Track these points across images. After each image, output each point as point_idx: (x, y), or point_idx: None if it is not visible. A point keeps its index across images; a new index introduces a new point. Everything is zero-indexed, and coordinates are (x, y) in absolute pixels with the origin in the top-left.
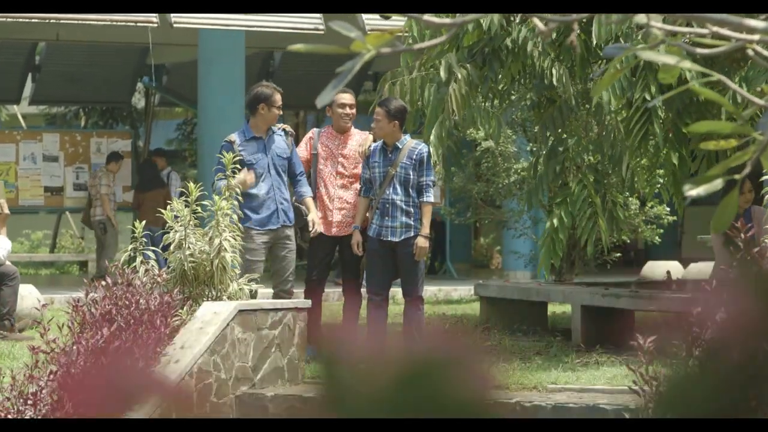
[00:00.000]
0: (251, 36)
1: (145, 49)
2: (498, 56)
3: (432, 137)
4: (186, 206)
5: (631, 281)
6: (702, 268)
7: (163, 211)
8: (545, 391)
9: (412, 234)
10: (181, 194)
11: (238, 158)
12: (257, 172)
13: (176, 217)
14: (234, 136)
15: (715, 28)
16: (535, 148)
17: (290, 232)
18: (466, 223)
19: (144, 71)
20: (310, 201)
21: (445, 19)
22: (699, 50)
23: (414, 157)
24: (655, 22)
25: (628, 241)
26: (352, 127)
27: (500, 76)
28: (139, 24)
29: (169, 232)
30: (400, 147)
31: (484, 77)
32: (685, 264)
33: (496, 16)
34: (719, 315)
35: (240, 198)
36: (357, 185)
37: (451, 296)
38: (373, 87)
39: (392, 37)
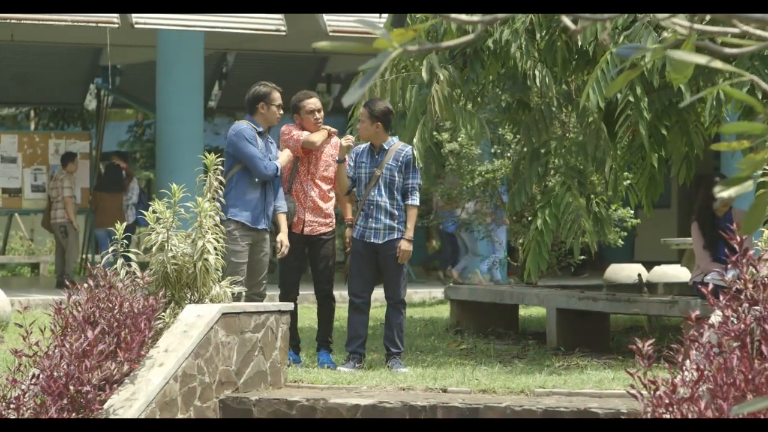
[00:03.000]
0: (208, 37)
1: (98, 50)
2: (479, 57)
3: (416, 139)
4: (168, 207)
5: (598, 284)
6: (666, 271)
7: (145, 213)
8: (533, 395)
9: (395, 236)
10: (140, 199)
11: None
12: None
13: (158, 218)
14: (248, 126)
15: (746, 27)
16: (499, 150)
17: (267, 236)
18: (426, 225)
19: (97, 72)
20: (283, 219)
21: (473, 17)
22: (727, 50)
23: (400, 159)
24: (683, 22)
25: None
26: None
27: (481, 77)
28: (100, 25)
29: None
30: (387, 148)
31: (466, 78)
32: (648, 268)
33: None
34: (714, 318)
35: (222, 200)
36: (326, 187)
37: (412, 299)
38: (326, 88)
39: (416, 34)
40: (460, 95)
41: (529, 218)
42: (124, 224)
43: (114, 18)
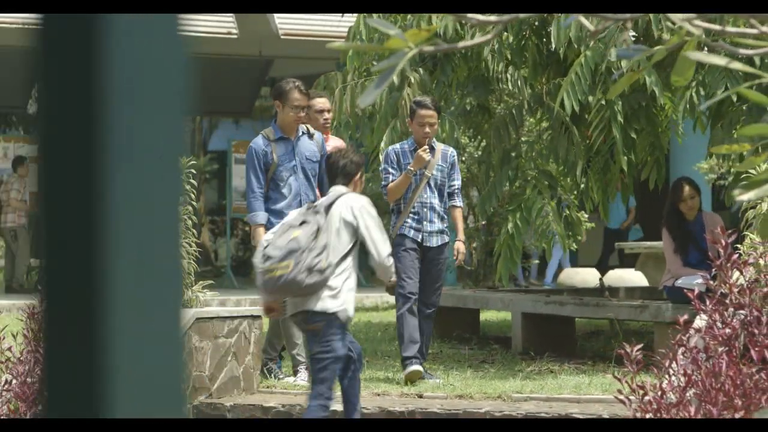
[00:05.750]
0: None
1: None
2: (450, 60)
3: (383, 144)
4: None
5: (555, 289)
6: (621, 275)
7: None
8: (511, 400)
9: (446, 240)
10: None
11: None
12: (283, 174)
13: None
14: (259, 140)
15: (764, 28)
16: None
17: None
18: None
19: None
20: None
21: (491, 17)
22: (742, 51)
23: (448, 159)
24: (700, 22)
25: (545, 248)
26: (330, 133)
27: (452, 80)
28: None
29: None
30: (435, 148)
31: (436, 82)
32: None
33: (450, 20)
34: (698, 322)
35: (194, 203)
36: None
37: (364, 303)
38: (270, 92)
39: (430, 34)
40: (441, 98)
41: (483, 222)
42: None
43: None
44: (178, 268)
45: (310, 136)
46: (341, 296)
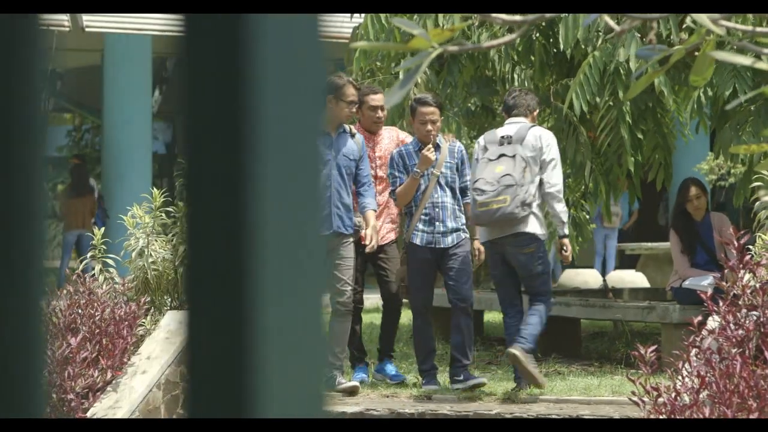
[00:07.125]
0: (154, 41)
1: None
2: (457, 60)
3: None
4: (149, 213)
5: (558, 290)
6: (622, 276)
7: (124, 217)
8: (520, 402)
9: (462, 236)
10: (99, 199)
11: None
12: None
13: (138, 224)
14: None
15: None
16: None
17: (345, 240)
18: None
19: None
20: (370, 215)
21: (515, 17)
22: (767, 51)
23: (455, 155)
24: (725, 22)
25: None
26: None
27: (459, 80)
28: (49, 27)
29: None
30: (440, 145)
31: (443, 82)
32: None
33: (456, 20)
34: (711, 323)
35: None
36: (381, 189)
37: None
38: None
39: (452, 34)
40: (448, 99)
41: None
42: (102, 229)
43: (64, 21)
44: (324, 264)
45: (352, 135)
46: (541, 220)
